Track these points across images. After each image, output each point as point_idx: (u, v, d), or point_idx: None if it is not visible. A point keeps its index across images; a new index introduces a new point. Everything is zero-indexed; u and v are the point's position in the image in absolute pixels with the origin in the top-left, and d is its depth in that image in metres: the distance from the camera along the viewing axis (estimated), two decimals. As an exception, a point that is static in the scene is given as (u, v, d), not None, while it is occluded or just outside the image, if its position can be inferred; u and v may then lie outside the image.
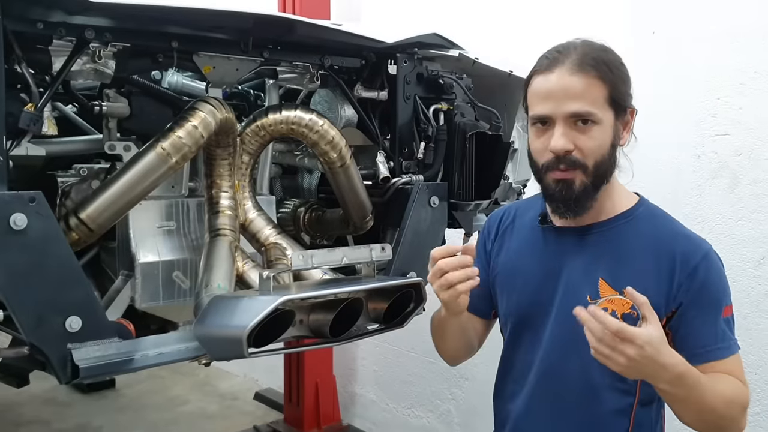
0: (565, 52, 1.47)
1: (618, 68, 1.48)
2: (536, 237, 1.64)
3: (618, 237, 1.54)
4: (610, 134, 1.47)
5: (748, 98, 2.77)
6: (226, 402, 5.16)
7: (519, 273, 1.65)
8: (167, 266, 1.90)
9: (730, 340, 1.50)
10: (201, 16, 1.77)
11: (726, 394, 1.44)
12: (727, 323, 1.50)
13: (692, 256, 1.48)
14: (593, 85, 1.43)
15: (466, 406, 3.97)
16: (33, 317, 1.50)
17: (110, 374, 2.16)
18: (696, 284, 1.47)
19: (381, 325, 1.83)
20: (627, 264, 1.51)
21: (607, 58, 1.47)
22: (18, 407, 4.74)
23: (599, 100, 1.44)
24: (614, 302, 1.48)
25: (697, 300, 1.47)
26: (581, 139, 1.44)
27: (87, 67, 1.76)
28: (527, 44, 1.65)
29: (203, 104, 1.79)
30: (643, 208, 1.58)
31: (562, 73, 1.44)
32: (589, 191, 1.48)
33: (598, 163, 1.46)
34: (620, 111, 1.48)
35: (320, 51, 2.10)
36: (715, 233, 2.86)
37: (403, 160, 2.29)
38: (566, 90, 1.43)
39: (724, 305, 1.49)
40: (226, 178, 1.96)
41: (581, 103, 1.42)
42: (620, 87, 1.47)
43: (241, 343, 1.47)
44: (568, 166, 1.45)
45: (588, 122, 1.43)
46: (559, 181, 1.47)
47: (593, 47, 1.49)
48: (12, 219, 1.45)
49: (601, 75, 1.43)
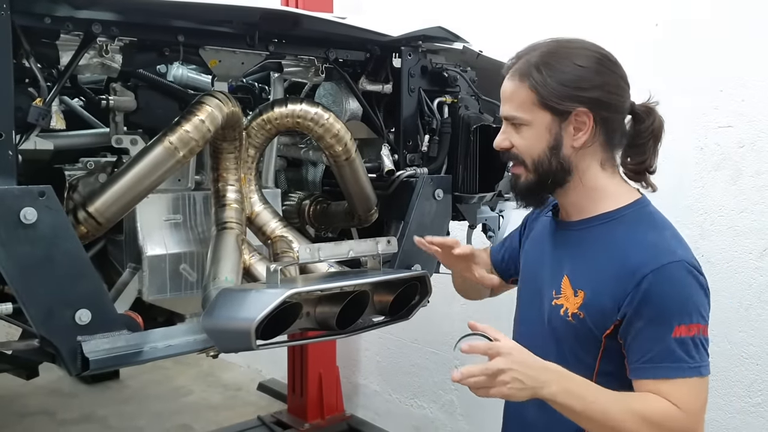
0: (518, 57, 1.55)
1: (561, 73, 1.47)
2: (546, 226, 1.71)
3: (590, 237, 1.54)
4: (545, 136, 1.50)
5: (750, 90, 2.77)
6: (230, 392, 5.18)
7: (526, 259, 1.77)
8: (174, 259, 1.92)
9: (681, 361, 1.39)
10: (207, 10, 1.77)
11: (642, 414, 1.36)
12: (682, 344, 1.39)
13: (643, 267, 1.41)
14: (519, 90, 1.51)
15: (469, 397, 3.93)
16: (43, 310, 1.52)
17: (119, 366, 2.18)
18: (639, 295, 1.40)
19: (386, 317, 1.84)
20: (588, 264, 1.52)
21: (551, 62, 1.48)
22: (23, 398, 4.77)
23: (526, 104, 1.50)
24: (569, 300, 1.52)
25: (640, 312, 1.40)
26: (516, 138, 1.54)
27: (94, 62, 1.76)
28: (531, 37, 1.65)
29: (210, 98, 1.80)
30: (632, 211, 1.53)
31: (506, 79, 1.55)
32: (534, 188, 1.56)
33: (536, 162, 1.52)
34: (559, 114, 1.48)
35: (325, 44, 2.10)
36: (718, 225, 2.88)
37: (408, 153, 2.30)
38: (503, 94, 1.56)
39: (675, 323, 1.39)
40: (233, 171, 1.97)
41: (508, 107, 1.54)
42: (554, 90, 1.47)
43: (250, 336, 1.49)
44: (514, 162, 1.57)
45: (518, 124, 1.52)
46: (512, 174, 1.61)
47: (547, 50, 1.51)
48: (22, 213, 1.46)
49: (528, 80, 1.49)
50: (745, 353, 2.81)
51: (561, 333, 1.53)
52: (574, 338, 1.50)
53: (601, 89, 1.49)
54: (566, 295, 1.53)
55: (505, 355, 1.35)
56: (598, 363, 1.48)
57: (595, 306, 1.46)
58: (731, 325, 2.80)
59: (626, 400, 1.39)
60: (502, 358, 1.34)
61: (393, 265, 2.12)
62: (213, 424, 4.52)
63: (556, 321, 1.54)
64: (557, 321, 1.54)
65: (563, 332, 1.53)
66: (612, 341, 1.46)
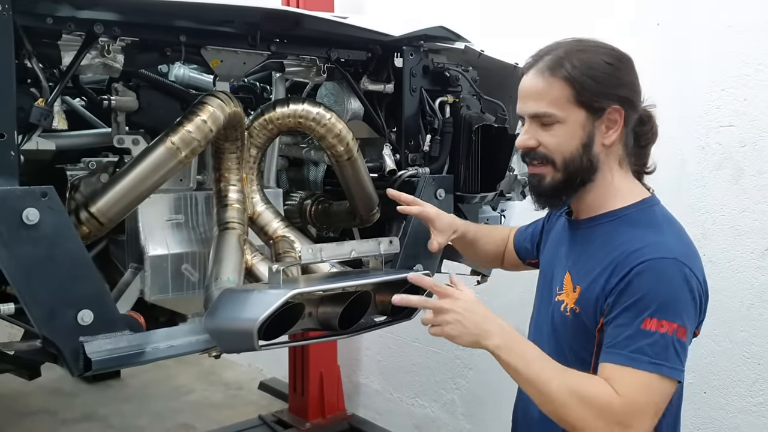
0: (542, 53, 1.52)
1: (592, 69, 1.47)
2: (560, 227, 1.73)
3: (594, 234, 1.55)
4: (579, 134, 1.48)
5: (752, 90, 2.77)
6: (231, 391, 5.19)
7: (543, 260, 1.77)
8: (176, 259, 1.92)
9: (640, 352, 1.35)
10: (209, 10, 1.77)
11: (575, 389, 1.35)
12: (647, 336, 1.36)
13: (632, 260, 1.40)
14: (554, 86, 1.47)
15: (470, 396, 4.00)
16: (45, 310, 1.51)
17: (122, 366, 2.18)
18: (622, 285, 1.40)
19: (388, 317, 1.84)
20: (587, 260, 1.52)
21: (583, 58, 1.47)
22: (24, 397, 4.78)
23: (561, 101, 1.47)
24: (569, 296, 1.53)
25: (619, 300, 1.40)
26: (544, 136, 1.50)
27: (96, 62, 1.76)
28: (533, 36, 1.65)
29: (212, 98, 1.80)
30: (638, 209, 1.53)
31: (530, 75, 1.51)
32: (560, 188, 1.53)
33: (567, 160, 1.50)
34: (594, 111, 1.48)
35: (327, 44, 2.10)
36: (719, 224, 2.88)
37: (409, 153, 2.29)
38: (529, 90, 1.51)
39: (647, 315, 1.36)
40: (234, 171, 1.97)
41: (540, 104, 1.49)
42: (591, 87, 1.46)
43: (252, 336, 1.49)
44: (539, 162, 1.53)
45: (550, 121, 1.49)
46: (533, 175, 1.56)
47: (573, 47, 1.50)
48: (25, 214, 1.45)
49: (565, 76, 1.46)
50: (746, 353, 2.81)
51: (560, 328, 1.55)
52: (571, 333, 1.51)
53: (629, 88, 1.51)
54: (566, 291, 1.54)
55: (453, 299, 1.43)
56: (594, 358, 1.48)
57: (588, 300, 1.47)
58: (733, 324, 2.80)
59: (566, 372, 1.39)
60: (449, 299, 1.43)
61: (395, 265, 2.12)
62: (214, 423, 4.53)
63: (556, 316, 1.56)
64: (557, 316, 1.56)
65: (561, 327, 1.54)
66: (603, 336, 1.45)
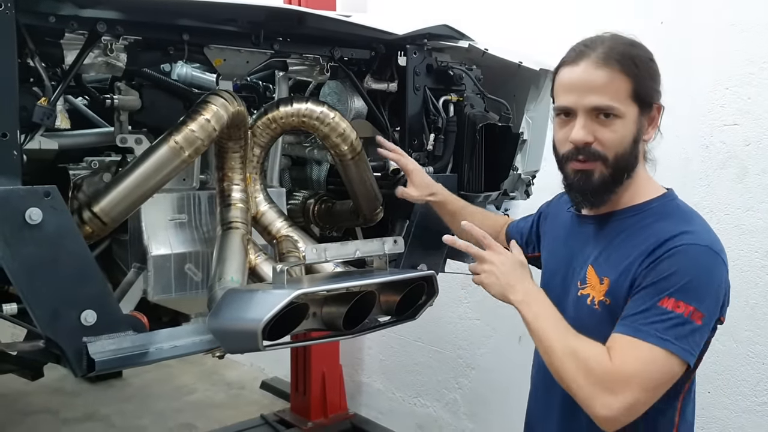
0: (592, 45, 1.49)
1: (645, 64, 1.48)
2: (567, 223, 1.71)
3: (619, 228, 1.54)
4: (632, 129, 1.48)
5: (756, 88, 2.76)
6: (233, 391, 5.18)
7: (549, 255, 1.75)
8: (179, 259, 1.91)
9: (649, 325, 1.37)
10: (212, 9, 1.76)
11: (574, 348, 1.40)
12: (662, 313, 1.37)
13: (663, 244, 1.42)
14: (616, 79, 1.44)
15: (473, 396, 3.99)
16: (48, 311, 1.51)
17: (125, 367, 2.18)
18: (651, 264, 1.41)
19: (393, 317, 1.83)
20: (613, 252, 1.51)
21: (634, 52, 1.48)
22: (26, 397, 4.77)
23: (622, 95, 1.45)
24: (595, 288, 1.52)
25: (645, 278, 1.41)
26: (602, 132, 1.46)
27: (99, 61, 1.75)
28: (537, 35, 1.65)
29: (215, 97, 1.79)
30: (661, 203, 1.54)
31: (586, 66, 1.46)
32: (608, 183, 1.50)
33: (619, 156, 1.48)
34: (645, 106, 1.48)
35: (330, 43, 2.09)
36: (723, 223, 2.86)
37: (413, 152, 2.28)
38: (589, 83, 1.45)
39: (666, 294, 1.37)
40: (238, 170, 1.96)
41: (603, 97, 1.44)
42: (646, 82, 1.47)
43: (257, 337, 1.48)
44: (588, 158, 1.49)
45: (610, 116, 1.45)
46: (579, 171, 1.51)
47: (621, 41, 1.49)
48: (28, 213, 1.45)
49: (626, 69, 1.44)
50: (751, 352, 2.80)
51: (587, 322, 1.51)
52: (601, 325, 1.49)
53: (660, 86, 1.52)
54: (591, 284, 1.53)
55: (495, 252, 1.56)
56: None
57: (620, 289, 1.46)
58: (737, 324, 2.79)
59: (571, 334, 1.43)
60: (492, 252, 1.56)
61: (399, 265, 2.11)
62: (216, 423, 4.52)
63: (582, 310, 1.54)
64: (583, 310, 1.53)
65: (589, 321, 1.51)
66: None
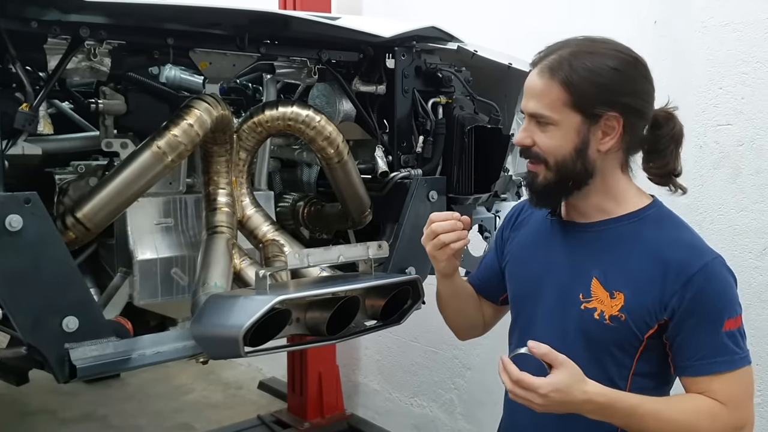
0: (549, 51, 1.49)
1: (596, 74, 1.43)
2: (545, 229, 1.67)
3: (617, 237, 1.52)
4: (572, 138, 1.46)
5: (750, 88, 2.74)
6: (231, 391, 5.18)
7: (523, 262, 1.69)
8: (165, 263, 1.91)
9: (733, 354, 1.43)
10: (195, 13, 1.76)
11: (683, 420, 1.41)
12: (731, 337, 1.43)
13: (688, 266, 1.42)
14: (553, 89, 1.44)
15: (469, 396, 3.98)
16: (30, 318, 1.51)
17: (107, 373, 2.18)
18: (690, 294, 1.42)
19: (378, 321, 1.83)
20: (621, 266, 1.49)
21: (587, 62, 1.44)
22: (24, 397, 4.77)
23: (557, 104, 1.45)
24: (604, 303, 1.49)
25: (693, 310, 1.42)
26: (539, 136, 1.49)
27: (82, 65, 1.75)
28: (527, 36, 1.64)
29: (199, 102, 1.79)
30: (653, 211, 1.53)
31: (533, 73, 1.49)
32: (552, 188, 1.51)
33: (559, 162, 1.48)
34: (592, 117, 1.45)
35: (317, 45, 2.08)
36: (717, 224, 2.85)
37: (402, 155, 2.28)
38: (530, 89, 1.49)
39: (725, 318, 1.43)
40: (224, 174, 1.96)
41: (538, 104, 1.47)
42: (589, 94, 1.43)
43: (238, 343, 1.48)
44: (532, 160, 1.52)
45: (542, 123, 1.47)
46: (529, 172, 1.55)
47: (581, 49, 1.46)
48: (7, 220, 1.45)
49: (564, 80, 1.43)
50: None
51: (595, 336, 1.49)
52: (611, 341, 1.47)
53: (633, 96, 1.47)
54: (599, 298, 1.49)
55: (548, 384, 1.33)
56: (635, 363, 1.48)
57: (638, 307, 1.45)
58: (731, 325, 2.78)
59: (668, 409, 1.42)
60: (547, 381, 1.33)
61: (387, 268, 2.11)
62: (213, 423, 4.52)
63: (588, 324, 1.50)
64: (590, 324, 1.49)
65: (597, 335, 1.49)
66: (654, 341, 1.45)
